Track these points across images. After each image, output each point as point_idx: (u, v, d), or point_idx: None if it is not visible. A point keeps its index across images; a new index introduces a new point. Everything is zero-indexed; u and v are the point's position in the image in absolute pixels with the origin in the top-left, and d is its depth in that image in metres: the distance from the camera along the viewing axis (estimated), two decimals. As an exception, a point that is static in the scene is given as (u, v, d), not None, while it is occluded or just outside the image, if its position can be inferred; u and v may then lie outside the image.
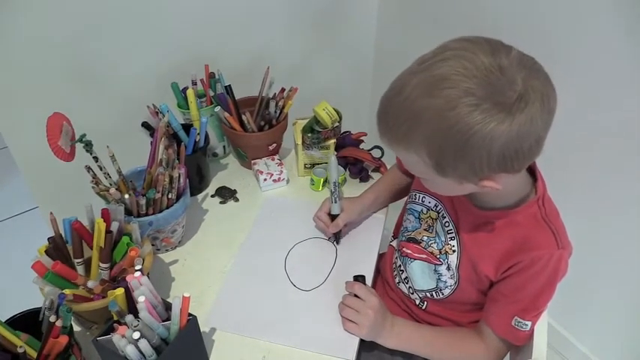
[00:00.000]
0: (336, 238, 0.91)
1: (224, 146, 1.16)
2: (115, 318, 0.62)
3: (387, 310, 0.76)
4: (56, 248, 0.73)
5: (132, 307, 0.64)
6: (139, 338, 0.58)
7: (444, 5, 1.34)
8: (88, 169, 0.80)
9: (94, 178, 0.81)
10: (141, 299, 0.61)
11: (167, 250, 0.91)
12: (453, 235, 0.76)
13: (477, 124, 0.53)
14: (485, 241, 0.72)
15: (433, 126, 0.55)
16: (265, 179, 1.03)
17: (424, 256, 0.81)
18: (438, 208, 0.80)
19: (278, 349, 0.74)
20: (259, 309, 0.79)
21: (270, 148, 1.08)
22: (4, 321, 0.63)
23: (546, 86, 0.56)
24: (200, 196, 1.03)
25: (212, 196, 1.04)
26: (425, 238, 0.81)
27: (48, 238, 0.73)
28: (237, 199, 1.03)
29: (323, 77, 1.58)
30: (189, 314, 0.65)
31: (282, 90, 1.06)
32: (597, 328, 1.26)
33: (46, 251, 0.71)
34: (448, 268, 0.77)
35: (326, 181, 1.04)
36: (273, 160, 1.07)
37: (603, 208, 1.11)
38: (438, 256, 0.79)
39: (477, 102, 0.53)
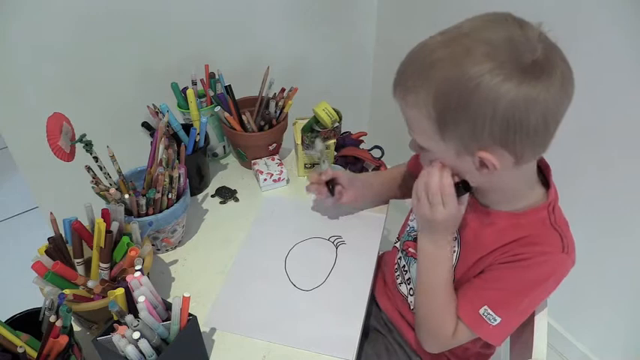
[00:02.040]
0: (331, 189, 0.90)
1: (224, 146, 1.16)
2: (115, 318, 0.62)
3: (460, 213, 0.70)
4: (56, 248, 0.73)
5: (132, 307, 0.64)
6: (139, 338, 0.58)
7: (443, 5, 1.34)
8: (88, 169, 0.80)
9: (94, 178, 0.81)
10: (141, 299, 0.61)
11: (167, 250, 0.91)
12: (455, 235, 0.74)
13: (486, 72, 0.52)
14: (486, 242, 0.69)
15: (444, 72, 0.55)
16: (265, 179, 1.03)
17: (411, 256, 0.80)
18: None
19: (278, 349, 0.74)
20: (259, 309, 0.79)
21: (270, 148, 1.08)
22: (4, 321, 0.63)
23: (567, 69, 0.55)
24: (200, 196, 1.04)
25: (212, 196, 1.04)
26: None
27: (48, 238, 0.73)
28: (237, 199, 1.03)
29: (323, 77, 1.58)
30: (189, 314, 0.65)
31: (282, 90, 1.06)
32: (597, 328, 1.26)
33: (46, 251, 0.71)
34: None
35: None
36: (273, 160, 1.07)
37: (603, 208, 1.11)
38: None
39: (493, 53, 0.52)
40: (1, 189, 2.03)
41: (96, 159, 0.80)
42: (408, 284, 0.83)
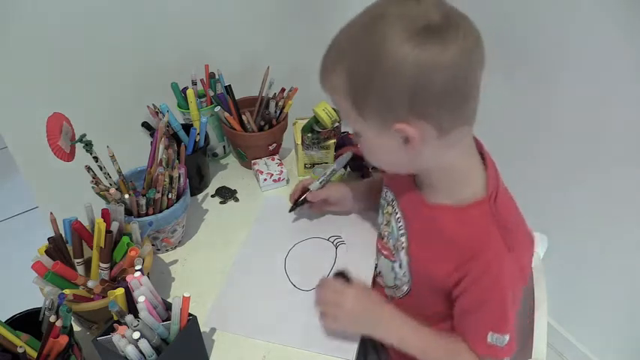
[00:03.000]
0: (294, 203, 0.91)
1: (224, 146, 1.16)
2: (115, 318, 0.62)
3: (375, 302, 0.72)
4: (56, 248, 0.73)
5: (132, 307, 0.64)
6: (139, 338, 0.58)
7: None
8: (88, 169, 0.80)
9: (94, 178, 0.81)
10: (141, 299, 0.61)
11: (167, 250, 0.91)
12: (403, 231, 0.74)
13: (382, 42, 0.54)
14: (433, 239, 0.68)
15: (350, 51, 0.58)
16: (265, 179, 1.03)
17: (386, 252, 0.79)
18: (393, 203, 0.77)
19: (278, 349, 0.73)
20: (259, 309, 0.79)
21: (270, 148, 1.08)
22: (4, 321, 0.63)
23: (470, 32, 0.55)
24: (200, 196, 1.04)
25: (212, 196, 1.04)
26: (386, 233, 0.79)
27: (48, 238, 0.73)
28: (237, 199, 1.03)
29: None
30: (190, 314, 0.65)
31: (282, 90, 1.06)
32: (597, 328, 1.26)
33: (46, 251, 0.71)
34: (400, 266, 0.74)
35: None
36: (273, 160, 1.07)
37: (603, 208, 1.11)
38: (393, 253, 0.76)
39: (390, 24, 0.54)
40: (1, 189, 2.03)
41: (96, 159, 0.80)
42: (381, 277, 0.83)
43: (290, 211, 0.91)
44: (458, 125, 0.59)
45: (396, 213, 0.76)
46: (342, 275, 0.75)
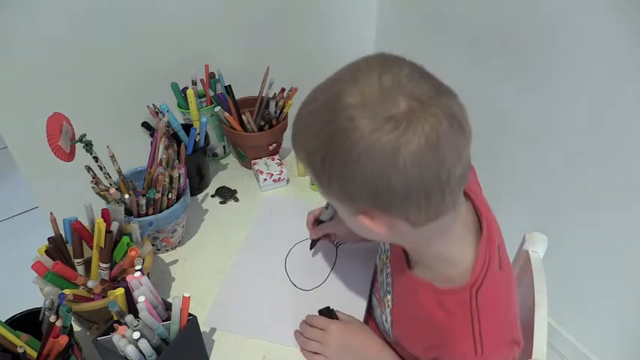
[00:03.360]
0: (311, 244, 0.86)
1: (224, 146, 1.16)
2: (115, 318, 0.62)
3: (360, 338, 0.71)
4: (56, 248, 0.73)
5: (132, 307, 0.64)
6: (139, 338, 0.58)
7: (443, 5, 1.34)
8: (88, 169, 0.80)
9: (94, 178, 0.81)
10: (141, 299, 0.61)
11: (167, 250, 0.91)
12: (390, 289, 0.69)
13: (340, 130, 0.46)
14: (414, 311, 0.63)
15: (308, 128, 0.51)
16: (265, 179, 1.03)
17: (378, 296, 0.75)
18: (387, 253, 0.72)
19: (278, 349, 0.73)
20: (259, 309, 0.79)
21: (270, 148, 1.08)
22: (4, 321, 0.63)
23: (440, 124, 0.45)
24: (200, 196, 1.04)
25: (212, 196, 1.04)
26: (380, 279, 0.75)
27: (48, 238, 0.73)
28: (237, 199, 1.03)
29: (323, 77, 1.57)
30: (190, 314, 0.65)
31: (282, 90, 1.06)
32: (597, 328, 1.26)
33: (46, 251, 0.71)
34: (386, 321, 0.71)
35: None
36: (273, 160, 1.07)
37: (603, 208, 1.11)
38: (381, 304, 0.73)
39: (348, 110, 0.46)
40: (1, 189, 2.03)
41: (96, 159, 0.80)
42: (373, 310, 0.80)
43: (311, 249, 0.87)
44: (432, 220, 0.51)
45: (387, 267, 0.72)
46: (326, 311, 0.74)
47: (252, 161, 1.07)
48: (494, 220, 0.62)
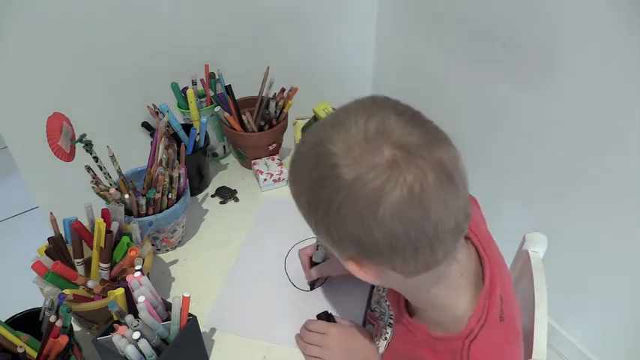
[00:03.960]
0: (311, 285, 0.83)
1: (224, 146, 1.16)
2: (115, 318, 0.62)
3: (360, 339, 0.70)
4: (56, 248, 0.73)
5: (132, 307, 0.64)
6: (139, 338, 0.58)
7: (443, 5, 1.34)
8: (88, 169, 0.80)
9: (94, 178, 0.81)
10: (141, 299, 0.61)
11: (167, 250, 0.91)
12: (392, 322, 0.67)
13: (322, 178, 0.45)
14: (408, 350, 0.61)
15: (296, 172, 0.50)
16: (265, 179, 1.03)
17: (374, 325, 0.73)
18: (385, 287, 0.71)
19: (278, 349, 0.74)
20: (259, 309, 0.79)
21: (270, 148, 1.08)
22: (4, 321, 0.63)
23: (425, 177, 0.42)
24: (200, 196, 1.04)
25: (212, 196, 1.04)
26: (377, 309, 0.73)
27: (48, 238, 0.73)
28: (237, 199, 1.03)
29: (323, 77, 1.58)
30: (189, 314, 0.65)
31: (282, 90, 1.06)
32: (597, 327, 1.26)
33: (46, 251, 0.71)
34: (378, 349, 0.69)
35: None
36: (273, 160, 1.07)
37: (604, 208, 1.11)
38: (377, 334, 0.71)
39: (332, 157, 0.44)
40: (1, 189, 2.03)
41: (96, 159, 0.80)
42: None
43: (311, 289, 0.83)
44: (422, 272, 0.48)
45: (386, 300, 0.69)
46: (325, 315, 0.75)
47: (252, 161, 1.07)
48: (500, 264, 0.59)
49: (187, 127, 1.00)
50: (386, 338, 0.67)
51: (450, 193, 0.44)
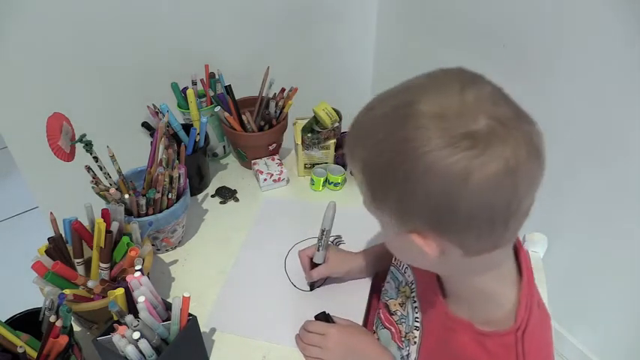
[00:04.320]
0: (311, 286, 0.83)
1: (224, 146, 1.16)
2: (115, 318, 0.62)
3: (360, 339, 0.71)
4: (56, 248, 0.73)
5: (132, 307, 0.64)
6: (139, 338, 0.58)
7: (444, 5, 1.34)
8: (88, 169, 0.80)
9: (94, 178, 0.81)
10: (141, 299, 0.61)
11: (167, 250, 0.91)
12: (419, 324, 0.64)
13: (406, 140, 0.43)
14: (447, 351, 0.58)
15: (372, 134, 0.47)
16: (265, 179, 1.03)
17: (393, 329, 0.71)
18: (412, 287, 0.68)
19: (278, 349, 0.74)
20: (259, 309, 0.79)
21: (270, 148, 1.08)
22: (4, 321, 0.63)
23: (522, 148, 0.42)
24: (200, 196, 1.04)
25: (212, 196, 1.04)
26: (398, 312, 0.71)
27: (48, 238, 0.73)
28: (237, 199, 1.03)
29: (323, 77, 1.58)
30: (190, 314, 0.65)
31: (282, 90, 1.06)
32: (597, 327, 1.26)
33: (46, 251, 0.71)
34: (408, 357, 0.66)
35: (326, 180, 1.04)
36: (273, 160, 1.07)
37: (604, 208, 1.11)
38: (402, 339, 0.68)
39: (422, 119, 0.42)
40: (1, 189, 2.03)
41: (96, 159, 0.80)
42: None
43: (311, 290, 0.83)
44: (488, 250, 0.48)
45: (414, 300, 0.67)
46: (322, 316, 0.74)
47: (252, 161, 1.07)
48: (528, 255, 0.59)
49: (187, 127, 1.00)
50: (415, 342, 0.64)
51: (538, 170, 0.44)
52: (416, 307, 0.66)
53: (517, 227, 0.47)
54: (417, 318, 0.65)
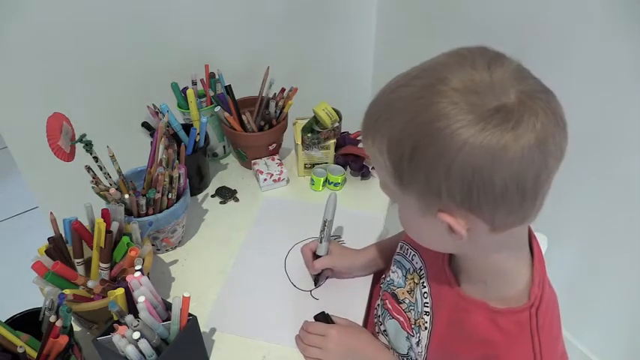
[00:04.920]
0: (315, 280, 0.83)
1: (224, 146, 1.16)
2: (115, 318, 0.62)
3: (359, 339, 0.71)
4: (56, 248, 0.73)
5: (132, 307, 0.64)
6: (139, 338, 0.58)
7: (444, 5, 1.34)
8: (88, 169, 0.80)
9: (94, 178, 0.81)
10: (141, 299, 0.61)
11: (167, 250, 0.91)
12: (429, 309, 0.64)
13: (439, 119, 0.43)
14: (460, 332, 0.59)
15: (398, 113, 0.47)
16: (265, 179, 1.03)
17: (401, 318, 0.70)
18: (421, 273, 0.68)
19: (278, 349, 0.74)
20: (259, 309, 0.79)
21: (270, 148, 1.08)
22: (4, 321, 0.63)
23: (550, 121, 0.44)
24: (200, 196, 1.03)
25: (212, 196, 1.04)
26: (407, 300, 0.70)
27: (48, 238, 0.73)
28: (237, 199, 1.03)
29: (323, 77, 1.58)
30: (190, 314, 0.65)
31: (282, 90, 1.06)
32: (597, 327, 1.26)
33: (46, 251, 0.71)
34: (418, 344, 0.66)
35: (326, 180, 1.04)
36: (273, 160, 1.07)
37: (604, 208, 1.11)
38: (412, 327, 0.68)
39: (450, 98, 0.43)
40: (1, 189, 2.03)
41: (96, 159, 0.80)
42: (385, 336, 0.75)
43: (315, 285, 0.83)
44: (516, 224, 0.49)
45: (423, 286, 0.67)
46: (322, 316, 0.74)
47: (252, 161, 1.07)
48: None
49: (187, 127, 1.00)
50: (426, 328, 0.64)
51: (564, 140, 0.46)
52: (425, 293, 0.66)
53: (543, 201, 0.48)
54: (427, 303, 0.65)
